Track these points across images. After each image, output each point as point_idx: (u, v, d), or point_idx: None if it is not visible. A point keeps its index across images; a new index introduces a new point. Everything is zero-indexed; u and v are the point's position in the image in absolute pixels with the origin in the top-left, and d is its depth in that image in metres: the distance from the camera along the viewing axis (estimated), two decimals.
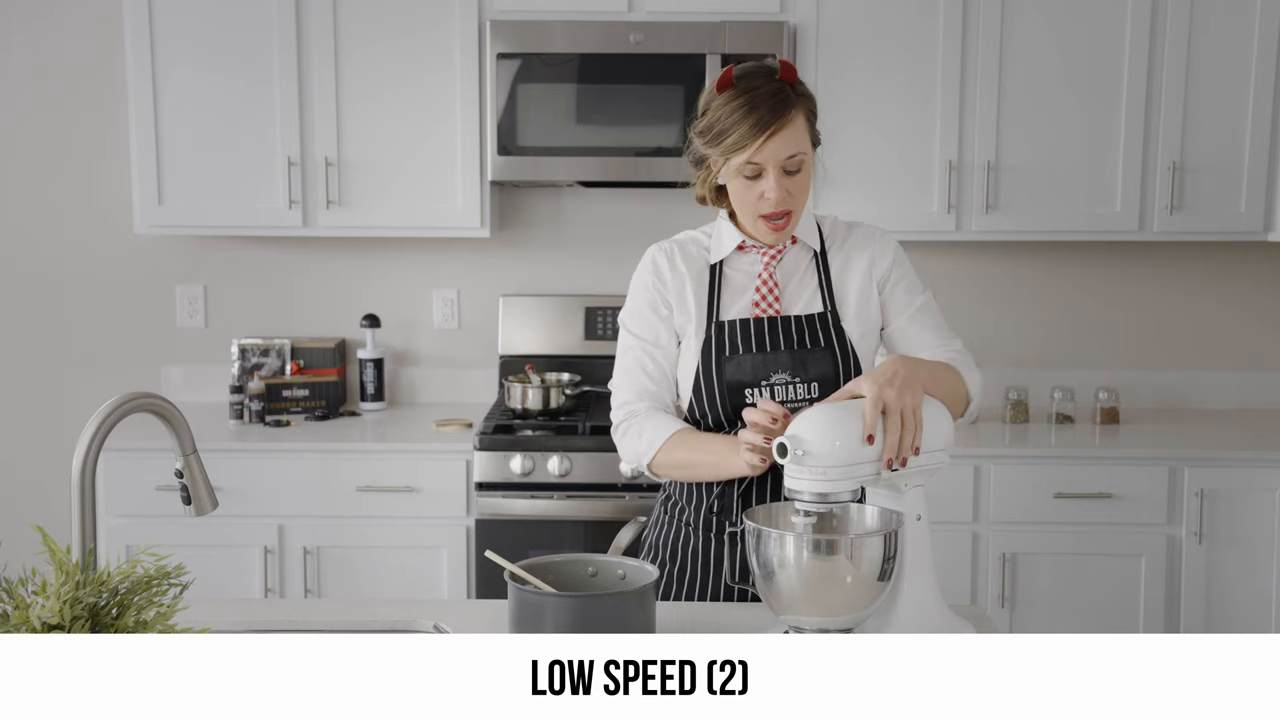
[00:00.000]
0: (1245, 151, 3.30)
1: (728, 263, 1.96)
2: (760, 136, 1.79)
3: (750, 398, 1.89)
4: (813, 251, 1.97)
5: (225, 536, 3.16)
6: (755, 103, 1.80)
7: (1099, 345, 3.70)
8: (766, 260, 1.94)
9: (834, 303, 1.94)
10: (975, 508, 3.14)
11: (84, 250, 3.70)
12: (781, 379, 1.89)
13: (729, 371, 1.90)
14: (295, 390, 3.56)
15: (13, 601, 1.28)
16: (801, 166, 1.85)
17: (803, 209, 1.90)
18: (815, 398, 1.89)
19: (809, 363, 1.90)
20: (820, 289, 1.95)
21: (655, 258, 1.97)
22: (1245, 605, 3.12)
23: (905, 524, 1.67)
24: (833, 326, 1.92)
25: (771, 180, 1.83)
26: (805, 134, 1.85)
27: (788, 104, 1.81)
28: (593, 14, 3.28)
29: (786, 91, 1.82)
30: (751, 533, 1.64)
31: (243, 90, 3.32)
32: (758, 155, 1.81)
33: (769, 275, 1.93)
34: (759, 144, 1.80)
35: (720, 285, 1.94)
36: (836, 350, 1.91)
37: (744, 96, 1.81)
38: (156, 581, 1.33)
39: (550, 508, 3.11)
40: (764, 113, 1.79)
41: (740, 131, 1.80)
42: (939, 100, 3.30)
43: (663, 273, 1.96)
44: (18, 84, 3.64)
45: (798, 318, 1.92)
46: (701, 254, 1.97)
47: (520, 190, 3.68)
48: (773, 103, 1.80)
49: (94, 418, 1.49)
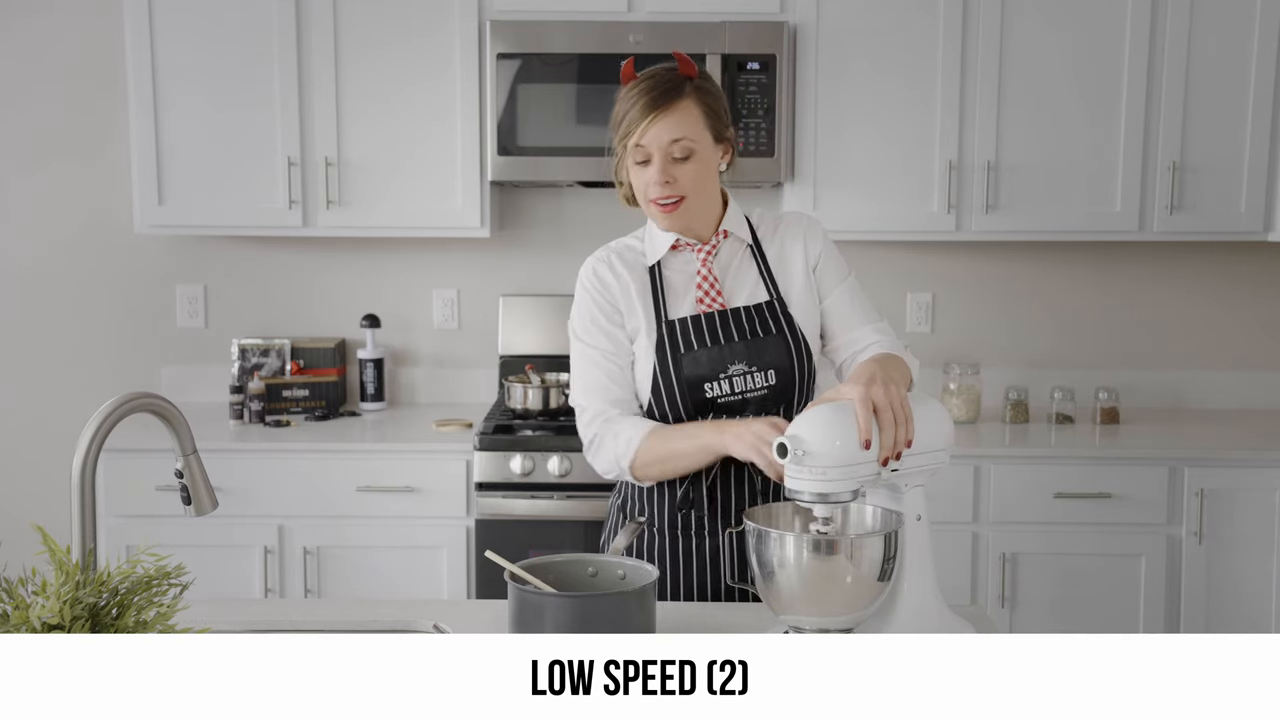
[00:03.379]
0: (1245, 151, 3.30)
1: (665, 264, 1.98)
2: (645, 119, 1.84)
3: (709, 392, 1.92)
4: (746, 244, 2.00)
5: (225, 536, 3.16)
6: (646, 89, 1.86)
7: (1099, 345, 3.70)
8: (703, 257, 1.96)
9: (779, 290, 1.98)
10: (975, 508, 3.14)
11: (84, 250, 3.70)
12: (739, 369, 1.92)
13: (686, 368, 1.92)
14: (295, 390, 3.56)
15: (13, 601, 1.28)
16: (690, 154, 1.87)
17: (700, 198, 1.92)
18: (772, 385, 1.93)
19: (763, 350, 1.93)
20: (762, 278, 1.98)
21: (595, 268, 2.00)
22: (1245, 605, 3.12)
23: (905, 524, 1.67)
24: (781, 313, 1.96)
25: (656, 165, 1.86)
26: (698, 122, 1.87)
27: (677, 91, 1.86)
28: (593, 14, 3.28)
29: (679, 81, 1.87)
30: (751, 533, 1.64)
31: (243, 90, 3.32)
32: (643, 138, 1.85)
33: (708, 271, 1.96)
34: (644, 126, 1.84)
35: (662, 287, 1.97)
36: (788, 336, 1.94)
37: (640, 85, 1.88)
38: (156, 581, 1.33)
39: (550, 508, 3.11)
40: (651, 97, 1.85)
41: (630, 116, 1.86)
42: (939, 100, 3.30)
43: (606, 281, 1.98)
44: (18, 84, 3.64)
45: (747, 308, 1.95)
46: (638, 259, 2.00)
47: (520, 190, 3.68)
48: (661, 89, 1.86)
49: (94, 418, 1.49)
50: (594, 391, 1.96)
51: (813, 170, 3.31)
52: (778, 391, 1.94)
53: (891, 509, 1.70)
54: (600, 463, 1.96)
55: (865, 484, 1.63)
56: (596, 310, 1.98)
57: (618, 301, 1.97)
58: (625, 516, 2.05)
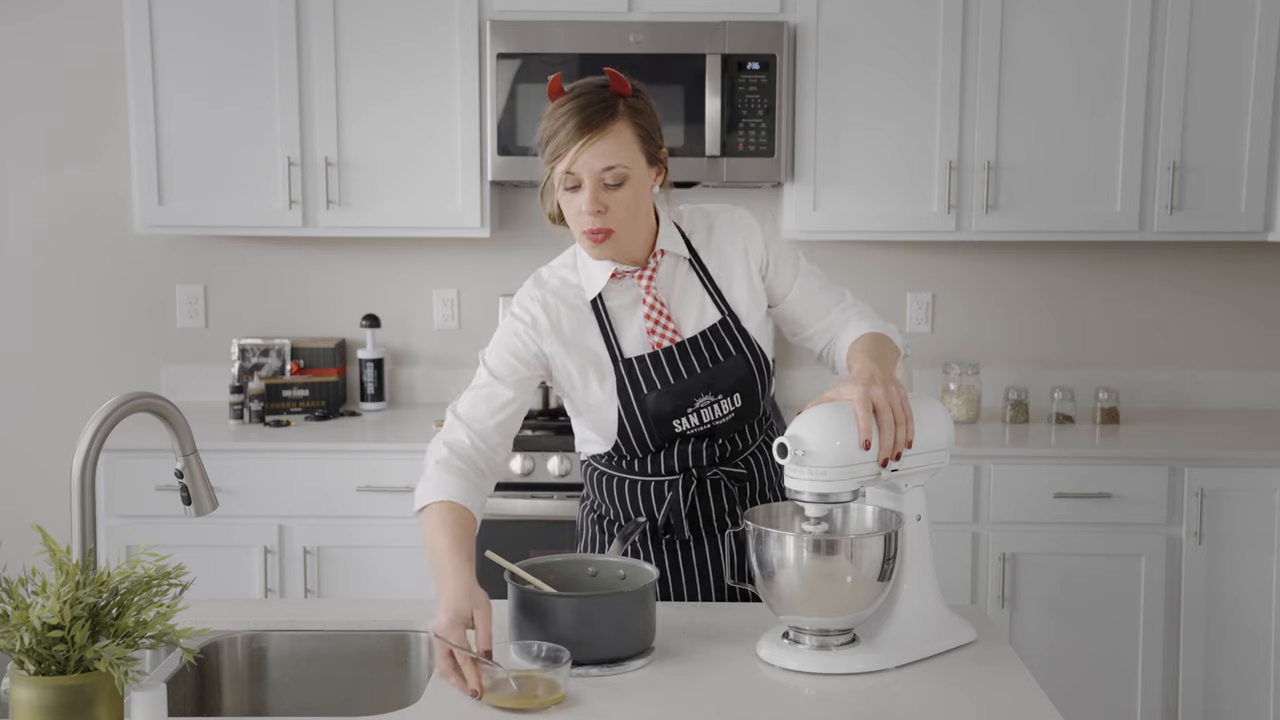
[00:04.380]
0: (1245, 151, 3.30)
1: (605, 295, 1.87)
2: (575, 143, 1.72)
3: (678, 426, 1.87)
4: (685, 259, 1.90)
5: (225, 536, 3.16)
6: (576, 109, 1.73)
7: (1099, 345, 3.70)
8: (647, 284, 1.86)
9: (728, 305, 1.89)
10: (975, 508, 3.14)
11: (84, 250, 3.70)
12: (705, 400, 1.87)
13: (650, 407, 1.85)
14: (295, 390, 3.56)
15: (13, 601, 1.28)
16: (624, 180, 1.75)
17: (633, 226, 1.80)
18: (739, 407, 1.89)
19: (725, 375, 1.87)
20: (708, 293, 1.89)
21: (530, 309, 1.87)
22: (1245, 605, 3.12)
23: (905, 524, 1.67)
24: (736, 331, 1.89)
25: (587, 193, 1.74)
26: (630, 146, 1.75)
27: (609, 113, 1.73)
28: (593, 14, 3.28)
29: (612, 101, 1.75)
30: (751, 533, 1.64)
31: (243, 90, 3.32)
32: (573, 165, 1.73)
33: (653, 299, 1.86)
34: (575, 151, 1.72)
35: (609, 320, 1.87)
36: (746, 353, 1.89)
37: (569, 104, 1.74)
38: (156, 581, 1.33)
39: (550, 508, 3.11)
40: (581, 119, 1.72)
41: (559, 139, 1.73)
42: (939, 100, 3.30)
43: (540, 325, 1.86)
44: (18, 84, 3.64)
45: (704, 334, 1.87)
46: (576, 295, 1.88)
47: (520, 190, 3.67)
48: (592, 111, 1.72)
49: (94, 418, 1.49)
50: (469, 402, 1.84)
51: (812, 170, 3.31)
52: (744, 411, 1.91)
53: (891, 509, 1.70)
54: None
55: (865, 484, 1.63)
56: (511, 345, 1.86)
57: (542, 343, 1.86)
58: (600, 529, 2.02)
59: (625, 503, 1.96)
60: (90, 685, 1.26)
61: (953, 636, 1.72)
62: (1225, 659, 3.14)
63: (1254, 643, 3.13)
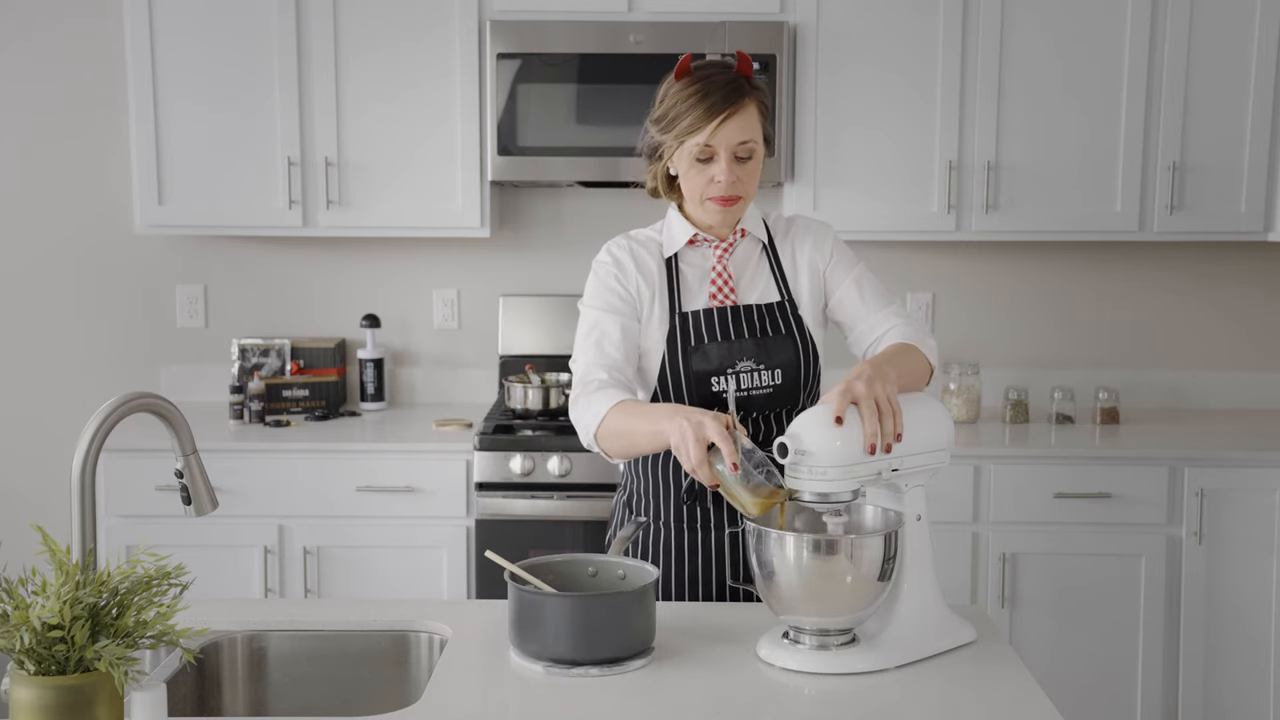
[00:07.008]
0: (1245, 151, 3.30)
1: (681, 258, 2.00)
2: (714, 120, 1.85)
3: (716, 386, 1.93)
4: (761, 244, 2.03)
5: (225, 536, 3.16)
6: (710, 89, 1.86)
7: (1099, 345, 3.70)
8: (720, 254, 1.99)
9: (790, 291, 2.01)
10: (975, 508, 3.14)
11: (84, 250, 3.70)
12: (747, 366, 1.94)
13: (695, 362, 1.94)
14: (295, 390, 3.56)
15: (13, 601, 1.28)
16: (753, 154, 1.90)
17: (751, 197, 1.95)
18: (778, 384, 1.95)
19: (772, 350, 1.95)
20: (774, 279, 2.01)
21: (613, 252, 2.01)
22: (1245, 605, 3.12)
23: (905, 524, 1.67)
24: (791, 315, 1.99)
25: (723, 164, 1.88)
26: (757, 124, 1.90)
27: (741, 92, 1.87)
28: (593, 14, 3.28)
29: (741, 81, 1.89)
30: (751, 533, 1.64)
31: (243, 90, 3.32)
32: (712, 139, 1.86)
33: (723, 268, 1.98)
34: (713, 127, 1.85)
35: (678, 279, 1.99)
36: (796, 337, 1.97)
37: (700, 84, 1.87)
38: (156, 581, 1.33)
39: (550, 508, 3.11)
40: (718, 98, 1.85)
41: (695, 115, 1.86)
42: (939, 100, 3.30)
43: (624, 264, 1.99)
44: (19, 84, 3.64)
45: (759, 306, 1.98)
46: (656, 249, 2.01)
47: (520, 190, 3.67)
48: (727, 90, 1.86)
49: (94, 418, 1.49)
50: (589, 349, 1.95)
51: (813, 170, 3.31)
52: (783, 391, 1.95)
53: (891, 509, 1.70)
54: (577, 426, 1.94)
55: (865, 484, 1.63)
56: (613, 281, 1.98)
57: (629, 283, 1.98)
58: (631, 511, 2.05)
59: (656, 474, 2.00)
60: (90, 685, 1.26)
61: (953, 636, 1.72)
62: (1225, 659, 3.14)
63: (1254, 643, 3.13)
